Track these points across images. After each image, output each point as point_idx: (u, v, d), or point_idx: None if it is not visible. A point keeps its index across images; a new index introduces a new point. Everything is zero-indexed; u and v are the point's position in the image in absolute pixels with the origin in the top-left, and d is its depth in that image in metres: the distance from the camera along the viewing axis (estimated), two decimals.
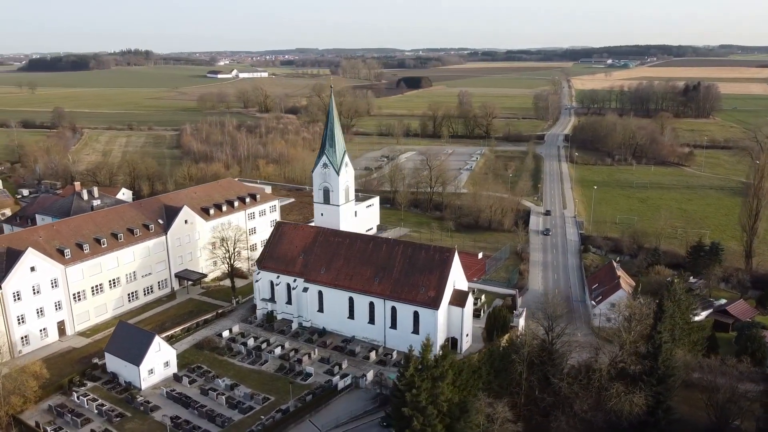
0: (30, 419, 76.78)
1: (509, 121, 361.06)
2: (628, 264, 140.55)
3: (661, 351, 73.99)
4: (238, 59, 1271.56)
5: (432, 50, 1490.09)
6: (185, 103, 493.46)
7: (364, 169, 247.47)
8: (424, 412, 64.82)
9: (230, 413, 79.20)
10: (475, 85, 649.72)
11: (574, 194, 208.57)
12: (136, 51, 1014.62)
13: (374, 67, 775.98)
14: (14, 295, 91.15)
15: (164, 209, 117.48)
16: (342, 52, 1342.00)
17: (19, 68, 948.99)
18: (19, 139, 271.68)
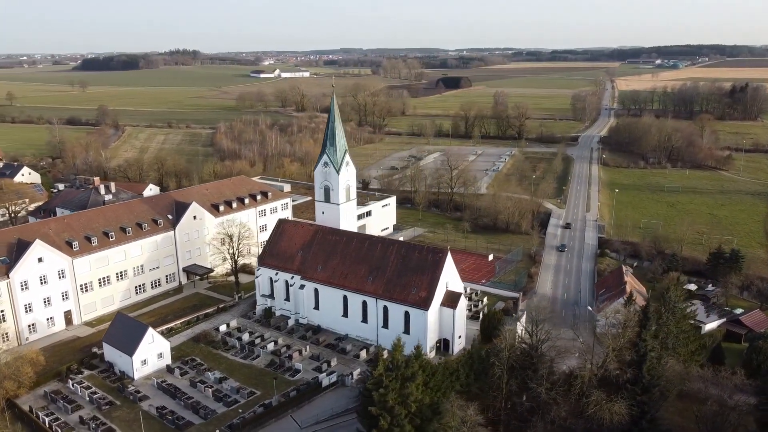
0: (25, 404, 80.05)
1: (544, 122, 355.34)
2: (643, 270, 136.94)
3: (646, 359, 71.85)
4: (282, 59, 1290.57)
5: (476, 50, 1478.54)
6: (226, 102, 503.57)
7: (390, 169, 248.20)
8: (392, 411, 64.76)
9: (215, 406, 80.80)
10: (516, 85, 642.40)
11: (601, 197, 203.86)
12: (184, 51, 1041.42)
13: (414, 67, 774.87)
14: (22, 284, 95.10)
15: (174, 205, 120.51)
16: (386, 52, 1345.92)
17: (74, 67, 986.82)
18: (62, 135, 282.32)
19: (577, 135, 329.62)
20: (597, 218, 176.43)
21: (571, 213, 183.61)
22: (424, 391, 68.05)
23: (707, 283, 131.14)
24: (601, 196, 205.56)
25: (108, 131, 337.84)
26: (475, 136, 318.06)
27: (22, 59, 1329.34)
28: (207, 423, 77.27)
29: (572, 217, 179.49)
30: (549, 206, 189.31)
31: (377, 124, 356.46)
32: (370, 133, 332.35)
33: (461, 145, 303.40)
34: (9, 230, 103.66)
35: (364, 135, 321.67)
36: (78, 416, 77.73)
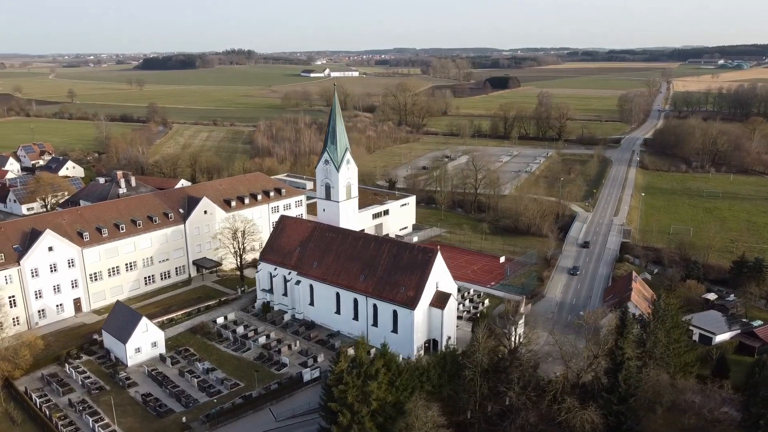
0: (23, 385, 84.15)
1: (588, 123, 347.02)
2: (662, 277, 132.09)
3: (622, 368, 69.57)
4: (335, 59, 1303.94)
5: (530, 50, 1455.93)
6: (272, 101, 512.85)
7: (421, 169, 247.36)
8: (351, 408, 64.95)
9: (198, 395, 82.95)
10: (567, 86, 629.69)
11: (633, 201, 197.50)
12: (239, 51, 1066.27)
13: (464, 67, 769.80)
14: (32, 271, 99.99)
15: (187, 199, 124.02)
16: (438, 52, 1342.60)
17: (135, 67, 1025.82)
18: (108, 131, 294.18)
19: (620, 137, 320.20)
20: (623, 222, 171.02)
21: (598, 216, 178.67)
22: (388, 390, 67.86)
23: (729, 292, 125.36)
24: (634, 200, 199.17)
25: (155, 128, 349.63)
26: (513, 136, 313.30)
27: (89, 58, 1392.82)
28: (187, 411, 79.39)
29: (599, 220, 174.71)
30: (576, 209, 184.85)
31: (416, 124, 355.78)
32: (407, 132, 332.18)
33: (498, 146, 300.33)
34: (24, 220, 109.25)
35: (401, 135, 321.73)
36: (68, 399, 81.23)
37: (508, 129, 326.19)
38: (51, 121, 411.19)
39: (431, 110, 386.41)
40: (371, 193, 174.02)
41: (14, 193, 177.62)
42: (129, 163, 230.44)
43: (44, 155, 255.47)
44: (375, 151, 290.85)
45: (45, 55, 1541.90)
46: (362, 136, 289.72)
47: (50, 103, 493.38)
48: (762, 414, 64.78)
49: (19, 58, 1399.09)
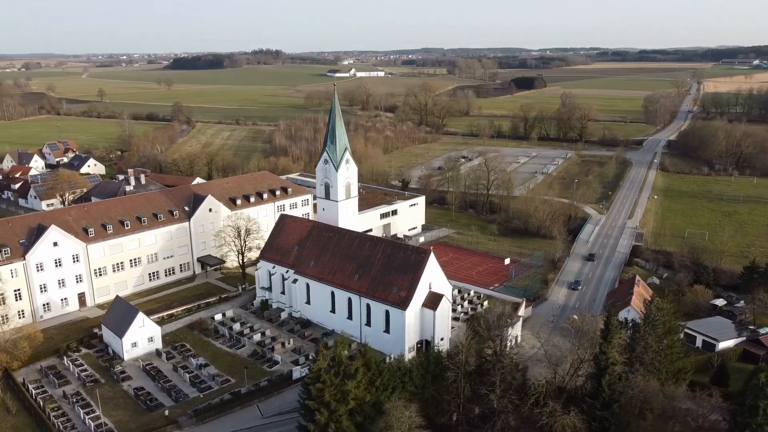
0: (20, 376, 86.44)
1: (611, 124, 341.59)
2: (669, 281, 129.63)
3: (606, 373, 68.53)
4: (362, 59, 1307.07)
5: (559, 50, 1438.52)
6: (296, 100, 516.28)
7: (437, 169, 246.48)
8: (329, 407, 65.23)
9: (189, 390, 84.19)
10: (594, 86, 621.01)
11: (649, 204, 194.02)
12: (267, 51, 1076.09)
13: (490, 67, 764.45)
14: (37, 266, 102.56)
15: (192, 197, 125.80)
16: (466, 52, 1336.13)
17: (165, 66, 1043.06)
18: (132, 130, 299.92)
19: (643, 139, 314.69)
20: (636, 226, 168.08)
21: (612, 219, 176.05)
22: (367, 390, 67.94)
23: (740, 298, 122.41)
24: (650, 203, 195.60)
25: (178, 127, 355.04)
26: (532, 137, 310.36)
27: (122, 58, 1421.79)
28: (177, 406, 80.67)
29: (611, 223, 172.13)
30: (589, 211, 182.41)
31: (436, 124, 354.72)
32: (426, 133, 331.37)
33: (517, 147, 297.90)
34: (32, 215, 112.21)
35: (420, 135, 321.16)
36: (62, 391, 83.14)
37: (529, 130, 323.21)
38: (79, 120, 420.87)
39: (452, 110, 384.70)
40: (381, 193, 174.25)
41: (35, 189, 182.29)
42: (148, 161, 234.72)
43: (68, 153, 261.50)
44: (393, 151, 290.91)
45: (80, 55, 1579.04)
46: (380, 136, 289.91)
47: (80, 102, 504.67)
48: (748, 423, 63.11)
49: (55, 58, 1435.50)
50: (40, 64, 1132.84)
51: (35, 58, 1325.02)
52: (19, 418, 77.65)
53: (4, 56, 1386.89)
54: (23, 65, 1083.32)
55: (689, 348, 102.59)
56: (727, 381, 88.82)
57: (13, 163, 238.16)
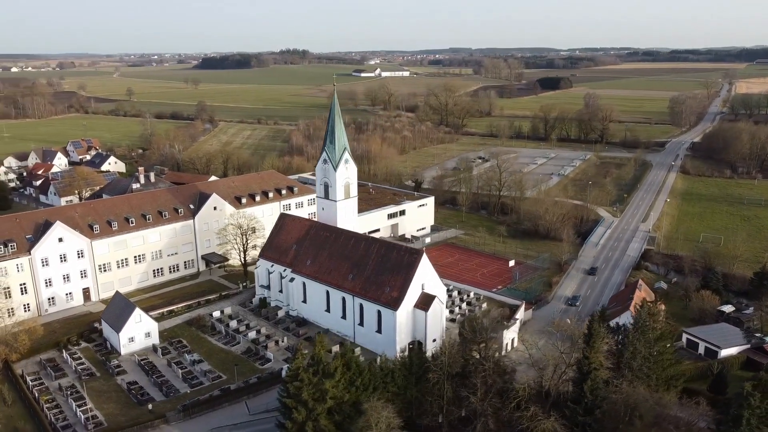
0: (20, 368, 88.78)
1: (635, 126, 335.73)
2: (677, 286, 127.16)
3: (588, 378, 67.60)
4: (389, 59, 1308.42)
5: (589, 50, 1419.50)
6: (320, 100, 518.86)
7: (452, 170, 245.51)
8: (306, 405, 65.64)
9: (180, 385, 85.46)
10: (621, 87, 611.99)
11: (666, 207, 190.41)
12: (294, 51, 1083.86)
13: (515, 67, 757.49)
14: (42, 261, 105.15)
15: (198, 195, 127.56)
16: (494, 52, 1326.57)
17: (194, 66, 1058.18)
18: (154, 128, 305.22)
19: (667, 140, 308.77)
20: (649, 229, 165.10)
21: (625, 222, 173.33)
22: (346, 389, 68.15)
23: (749, 305, 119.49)
24: (667, 206, 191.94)
25: (201, 126, 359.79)
26: (552, 138, 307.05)
27: (153, 58, 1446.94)
28: (167, 401, 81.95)
29: (624, 226, 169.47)
30: (603, 214, 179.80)
31: (456, 125, 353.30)
32: (445, 133, 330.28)
33: (536, 148, 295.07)
34: (39, 212, 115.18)
35: (439, 135, 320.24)
36: (58, 383, 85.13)
37: (549, 131, 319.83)
38: (106, 118, 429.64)
39: (471, 111, 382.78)
40: (390, 193, 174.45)
41: (54, 186, 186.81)
42: (166, 159, 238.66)
43: (91, 151, 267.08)
44: (410, 151, 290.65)
45: (113, 55, 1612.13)
46: (397, 136, 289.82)
47: (109, 101, 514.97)
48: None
49: (89, 58, 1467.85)
50: (74, 64, 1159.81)
51: (70, 58, 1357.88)
52: (14, 408, 79.73)
53: (40, 56, 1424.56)
54: (57, 65, 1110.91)
55: (691, 355, 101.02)
56: (726, 389, 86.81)
57: (37, 160, 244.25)
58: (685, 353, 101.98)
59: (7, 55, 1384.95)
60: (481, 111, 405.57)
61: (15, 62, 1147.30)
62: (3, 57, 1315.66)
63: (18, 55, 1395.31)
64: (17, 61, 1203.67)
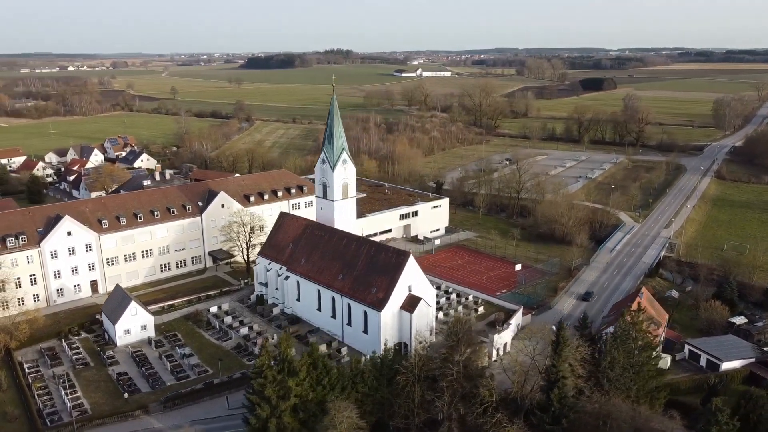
0: (20, 355, 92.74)
1: (676, 128, 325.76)
2: (690, 295, 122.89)
3: (555, 386, 66.27)
4: (433, 59, 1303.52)
5: (640, 50, 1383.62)
6: (357, 100, 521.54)
7: (476, 171, 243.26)
8: (270, 402, 66.48)
9: (167, 378, 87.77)
10: (668, 88, 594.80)
11: (693, 213, 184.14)
12: (338, 50, 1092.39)
13: (559, 68, 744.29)
14: (51, 253, 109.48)
15: (207, 193, 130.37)
16: (540, 52, 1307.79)
17: (240, 65, 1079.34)
18: (188, 126, 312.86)
19: (706, 144, 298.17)
20: (671, 236, 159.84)
21: (646, 228, 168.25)
22: (312, 388, 68.66)
23: (763, 317, 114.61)
24: (695, 212, 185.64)
25: (236, 124, 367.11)
26: (585, 140, 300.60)
27: (202, 57, 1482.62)
28: (153, 392, 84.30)
29: (644, 232, 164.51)
30: (624, 218, 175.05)
31: (488, 126, 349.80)
32: (477, 134, 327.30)
33: (568, 150, 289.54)
34: (52, 206, 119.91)
35: (470, 136, 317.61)
36: (53, 372, 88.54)
37: (583, 132, 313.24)
38: (149, 116, 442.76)
39: (504, 112, 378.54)
40: (405, 194, 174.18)
41: (85, 181, 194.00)
42: (195, 157, 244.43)
43: (126, 148, 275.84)
44: (439, 152, 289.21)
45: (164, 55, 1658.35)
46: (425, 137, 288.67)
47: (153, 99, 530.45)
48: None
49: (141, 57, 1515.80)
50: (126, 63, 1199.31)
51: (124, 58, 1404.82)
52: (8, 394, 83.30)
53: (96, 56, 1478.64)
54: (111, 64, 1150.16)
55: (692, 367, 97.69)
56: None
57: (75, 156, 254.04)
58: (686, 365, 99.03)
59: (66, 54, 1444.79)
60: (517, 112, 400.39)
61: (72, 62, 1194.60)
62: (62, 57, 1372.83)
63: (76, 55, 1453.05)
64: (74, 60, 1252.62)
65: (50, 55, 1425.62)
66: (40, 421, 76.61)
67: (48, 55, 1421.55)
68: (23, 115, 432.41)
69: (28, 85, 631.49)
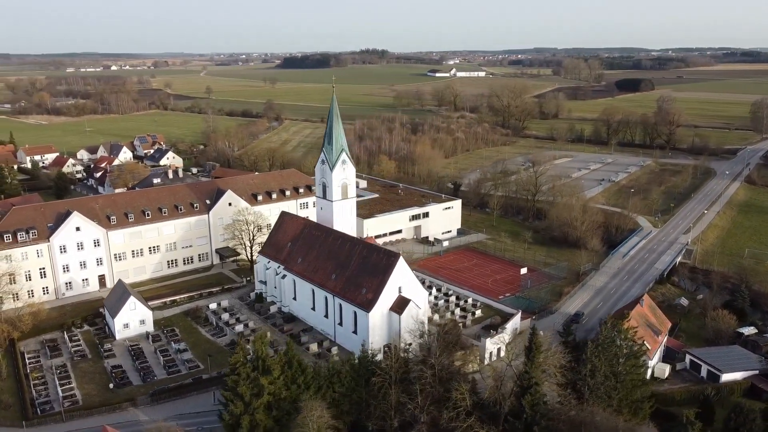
0: (23, 346, 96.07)
1: (708, 131, 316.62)
2: (696, 303, 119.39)
3: (527, 392, 65.35)
4: (470, 58, 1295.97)
5: (683, 50, 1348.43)
6: (387, 100, 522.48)
7: (499, 172, 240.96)
8: (243, 399, 67.37)
9: (159, 372, 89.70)
10: (708, 89, 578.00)
11: (717, 219, 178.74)
12: (373, 50, 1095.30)
13: (596, 68, 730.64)
14: (60, 248, 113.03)
15: (216, 191, 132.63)
16: (579, 52, 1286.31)
17: (276, 65, 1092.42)
18: (216, 125, 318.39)
19: (740, 147, 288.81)
20: (689, 242, 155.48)
21: (664, 233, 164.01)
22: (286, 387, 69.25)
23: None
24: (719, 218, 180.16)
25: (265, 123, 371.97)
26: (612, 143, 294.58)
27: (240, 57, 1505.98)
28: (143, 386, 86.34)
29: (661, 237, 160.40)
30: (642, 223, 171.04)
31: (515, 127, 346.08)
32: (503, 135, 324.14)
33: (594, 152, 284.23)
34: (63, 202, 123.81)
35: (495, 137, 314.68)
36: (51, 363, 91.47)
37: (612, 134, 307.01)
38: (183, 115, 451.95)
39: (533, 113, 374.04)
40: (418, 195, 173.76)
41: (109, 178, 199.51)
42: (219, 155, 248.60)
43: (155, 146, 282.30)
44: (462, 153, 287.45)
45: (205, 54, 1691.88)
46: (449, 137, 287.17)
47: (187, 98, 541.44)
48: None
49: (182, 57, 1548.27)
50: (167, 63, 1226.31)
51: (165, 57, 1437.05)
52: (7, 383, 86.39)
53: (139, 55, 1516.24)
54: (153, 63, 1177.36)
55: (693, 377, 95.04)
56: (713, 417, 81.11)
57: (104, 153, 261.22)
58: (686, 375, 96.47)
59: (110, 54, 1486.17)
60: (547, 113, 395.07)
61: (116, 61, 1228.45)
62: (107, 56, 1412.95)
63: (120, 55, 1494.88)
64: (118, 60, 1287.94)
65: (96, 54, 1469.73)
66: (32, 410, 79.26)
67: (93, 54, 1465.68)
68: (63, 113, 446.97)
69: (71, 84, 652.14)
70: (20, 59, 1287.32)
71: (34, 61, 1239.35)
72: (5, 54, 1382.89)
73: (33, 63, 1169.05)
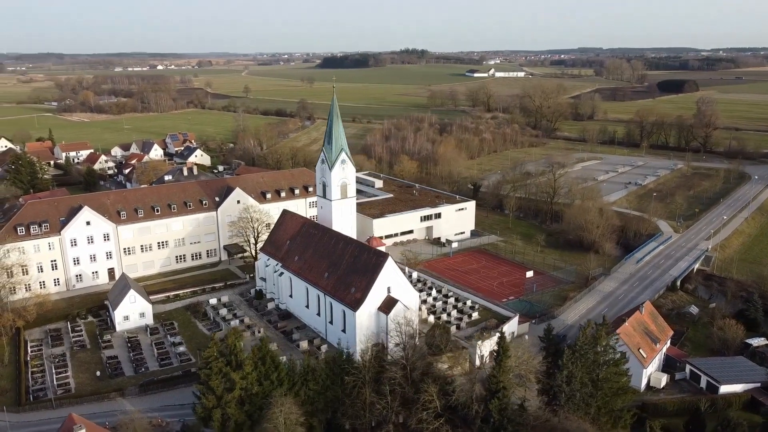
0: (28, 334, 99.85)
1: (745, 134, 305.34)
2: (707, 312, 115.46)
3: (495, 397, 64.54)
4: (511, 58, 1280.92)
5: (735, 50, 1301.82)
6: (421, 100, 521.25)
7: (523, 174, 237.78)
8: (215, 392, 68.60)
9: (152, 364, 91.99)
10: (755, 91, 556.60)
11: (744, 225, 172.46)
12: (413, 50, 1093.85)
13: (639, 69, 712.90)
14: (71, 241, 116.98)
15: (225, 189, 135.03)
16: (625, 52, 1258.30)
17: (316, 65, 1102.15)
18: (245, 123, 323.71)
19: None
20: (709, 248, 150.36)
21: (685, 239, 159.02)
22: (259, 382, 70.15)
23: None
24: (746, 224, 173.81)
25: (296, 122, 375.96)
26: (644, 145, 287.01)
27: (282, 57, 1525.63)
28: (135, 376, 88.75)
29: (681, 243, 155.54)
30: (663, 228, 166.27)
31: (547, 128, 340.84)
32: (532, 136, 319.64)
33: (625, 155, 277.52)
34: (76, 197, 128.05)
35: (525, 138, 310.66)
36: (52, 351, 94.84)
37: (645, 136, 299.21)
38: (219, 114, 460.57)
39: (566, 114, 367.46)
40: (433, 195, 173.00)
41: (135, 174, 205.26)
42: (245, 153, 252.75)
43: (186, 143, 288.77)
44: (490, 153, 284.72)
45: (248, 54, 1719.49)
46: (474, 138, 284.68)
47: (225, 97, 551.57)
48: None
49: (226, 57, 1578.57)
50: (210, 62, 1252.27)
51: (210, 57, 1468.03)
52: (8, 369, 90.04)
53: (184, 55, 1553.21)
54: (197, 63, 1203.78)
55: (692, 388, 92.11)
56: (704, 429, 78.50)
57: (136, 150, 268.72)
58: (685, 385, 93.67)
59: (157, 54, 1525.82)
60: (582, 114, 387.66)
61: (162, 61, 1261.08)
62: (154, 56, 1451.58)
63: (166, 54, 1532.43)
64: (164, 59, 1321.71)
65: (143, 54, 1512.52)
66: (26, 396, 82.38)
67: (141, 54, 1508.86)
68: (105, 111, 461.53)
69: (116, 83, 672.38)
70: (73, 59, 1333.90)
71: (86, 60, 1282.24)
72: (59, 54, 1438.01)
73: (84, 62, 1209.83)
